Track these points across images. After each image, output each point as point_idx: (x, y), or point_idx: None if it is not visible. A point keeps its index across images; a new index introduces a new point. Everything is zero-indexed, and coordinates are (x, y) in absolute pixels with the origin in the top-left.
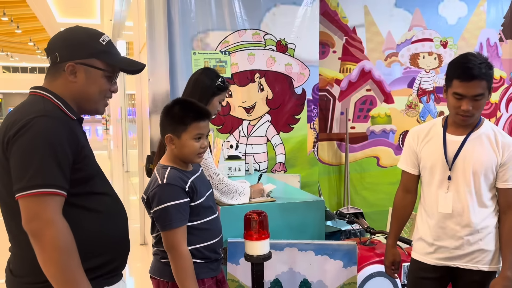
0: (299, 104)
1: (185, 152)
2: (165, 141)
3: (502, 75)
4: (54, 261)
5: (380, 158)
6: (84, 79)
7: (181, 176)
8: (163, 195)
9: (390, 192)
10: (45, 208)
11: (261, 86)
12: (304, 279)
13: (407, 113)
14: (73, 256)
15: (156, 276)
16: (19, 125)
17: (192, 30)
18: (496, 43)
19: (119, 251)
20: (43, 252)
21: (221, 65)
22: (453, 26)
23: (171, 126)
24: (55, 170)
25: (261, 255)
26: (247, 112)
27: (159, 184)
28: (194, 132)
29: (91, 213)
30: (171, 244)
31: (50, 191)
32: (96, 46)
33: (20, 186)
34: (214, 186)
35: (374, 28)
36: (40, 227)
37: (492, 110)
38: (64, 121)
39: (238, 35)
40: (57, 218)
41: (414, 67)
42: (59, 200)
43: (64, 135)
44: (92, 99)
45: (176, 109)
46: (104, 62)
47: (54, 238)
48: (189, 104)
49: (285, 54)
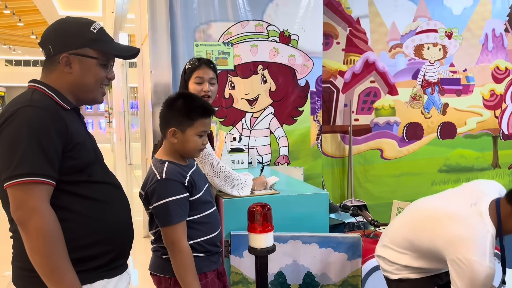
0: (302, 96)
1: (187, 147)
2: (167, 134)
3: (507, 66)
4: (39, 250)
5: (384, 150)
6: (79, 69)
7: (179, 170)
8: (162, 190)
9: (393, 185)
10: (31, 197)
11: (264, 78)
12: (308, 272)
13: (411, 105)
14: (58, 245)
15: (157, 273)
16: (4, 117)
17: (194, 22)
18: (502, 33)
19: (119, 241)
20: (28, 240)
21: (224, 56)
22: (458, 16)
23: (176, 119)
24: (41, 159)
25: (265, 248)
26: (250, 104)
27: (158, 180)
28: (199, 129)
29: (88, 202)
30: (171, 240)
31: (36, 180)
32: (87, 35)
33: (7, 176)
34: (216, 174)
35: (378, 19)
36: (25, 215)
37: (497, 101)
38: (50, 110)
39: (241, 26)
40: (43, 207)
41: (418, 58)
42: (45, 189)
43: (50, 122)
44: (88, 88)
45: (181, 103)
46: (97, 50)
47: (39, 226)
48: (194, 99)
49: (289, 45)
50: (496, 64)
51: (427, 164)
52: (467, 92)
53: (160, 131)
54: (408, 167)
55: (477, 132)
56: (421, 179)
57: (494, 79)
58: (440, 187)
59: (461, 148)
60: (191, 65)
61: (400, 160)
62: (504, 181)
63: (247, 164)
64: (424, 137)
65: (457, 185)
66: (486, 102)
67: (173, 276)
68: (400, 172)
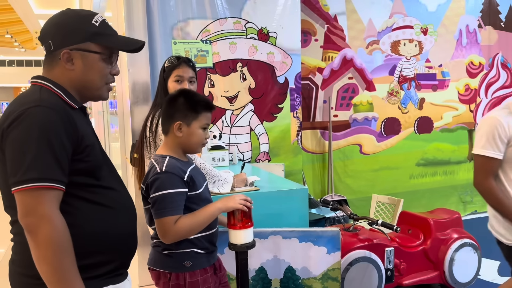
0: (282, 93)
1: (192, 140)
2: (173, 128)
3: (481, 61)
4: (48, 259)
5: (362, 145)
6: (82, 65)
7: (180, 166)
8: (161, 182)
9: (372, 179)
10: (41, 203)
11: (244, 76)
12: (289, 266)
13: (388, 101)
14: (67, 255)
15: (157, 267)
16: (12, 117)
17: (172, 19)
18: (475, 29)
19: (124, 249)
20: (37, 248)
21: (203, 54)
22: (433, 13)
23: (182, 113)
24: (51, 163)
25: (245, 243)
26: (230, 102)
27: (158, 172)
28: (203, 121)
29: (96, 207)
30: (163, 232)
31: (47, 185)
32: (89, 29)
33: (16, 180)
34: None
35: (355, 16)
36: (35, 222)
37: (472, 96)
38: (61, 110)
39: (219, 23)
40: (54, 214)
41: (395, 54)
42: (56, 195)
43: (60, 124)
44: (93, 86)
45: (184, 98)
46: (99, 45)
47: (49, 235)
48: (195, 94)
49: (267, 42)
50: (470, 59)
51: (404, 158)
52: (443, 87)
53: (162, 128)
54: (387, 161)
55: (453, 126)
56: (399, 173)
57: (468, 74)
58: (417, 181)
59: (437, 142)
60: (170, 64)
61: (378, 154)
62: None
63: (228, 162)
64: (401, 131)
65: (434, 178)
66: (461, 96)
67: (173, 271)
68: (378, 167)
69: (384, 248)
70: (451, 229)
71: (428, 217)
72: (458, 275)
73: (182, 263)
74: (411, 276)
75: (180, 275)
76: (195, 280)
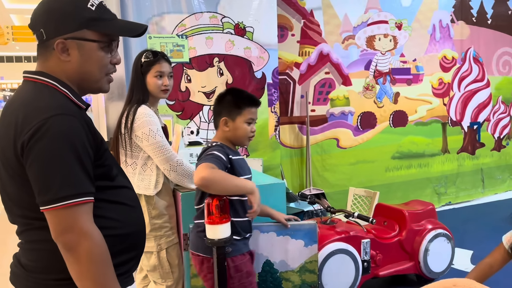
0: (259, 88)
1: (238, 134)
2: (220, 123)
3: (454, 55)
4: (91, 274)
5: (340, 139)
6: (79, 56)
7: (226, 150)
8: (211, 150)
9: (349, 173)
10: (78, 219)
11: (221, 71)
12: (267, 260)
13: (364, 95)
14: (109, 267)
15: (200, 253)
16: (33, 128)
17: (146, 13)
18: (448, 24)
19: (142, 245)
20: (78, 265)
21: (179, 49)
22: (407, 8)
23: (227, 109)
24: (82, 176)
25: (222, 238)
26: (207, 97)
27: (209, 146)
28: (247, 116)
29: (119, 206)
30: (200, 170)
31: (82, 201)
32: (85, 14)
33: (48, 199)
34: (173, 168)
35: (331, 11)
36: (75, 239)
37: (445, 89)
38: (79, 116)
39: (195, 18)
40: (92, 228)
41: (370, 49)
42: (89, 207)
43: (83, 133)
44: (92, 78)
45: (230, 96)
46: (97, 32)
47: (91, 250)
48: (241, 91)
49: (244, 37)
50: (444, 54)
51: (380, 151)
52: (417, 81)
53: (214, 124)
54: (363, 155)
55: (427, 120)
56: (375, 166)
57: (442, 68)
58: (393, 173)
59: (412, 135)
60: (148, 59)
61: (355, 148)
62: (453, 165)
63: None
64: (377, 125)
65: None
66: (435, 90)
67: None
68: (355, 160)
69: (360, 240)
70: (426, 220)
71: (403, 209)
72: (433, 265)
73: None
74: (387, 267)
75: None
76: (237, 264)
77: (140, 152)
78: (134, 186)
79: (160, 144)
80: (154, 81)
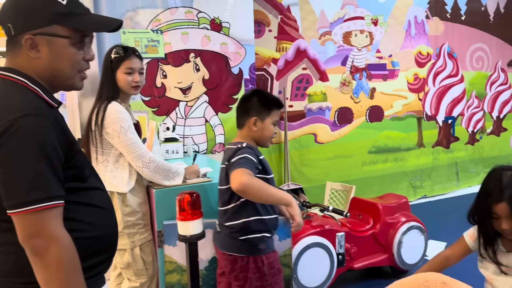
0: (236, 84)
1: (265, 134)
2: (249, 123)
3: (429, 51)
4: (59, 281)
5: (317, 134)
6: (49, 52)
7: (255, 152)
8: (242, 151)
9: (327, 167)
10: (47, 224)
11: (197, 66)
12: None
13: (341, 91)
14: (77, 273)
15: (233, 253)
16: (1, 129)
17: (120, 8)
18: (423, 20)
19: (113, 249)
20: (46, 270)
21: (154, 44)
22: (382, 4)
23: (256, 110)
24: (51, 179)
25: (194, 234)
26: (183, 93)
27: (238, 148)
28: (274, 118)
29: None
30: (238, 177)
31: (51, 205)
32: (55, 9)
33: (16, 202)
34: (145, 165)
35: (308, 7)
36: (44, 245)
37: (420, 85)
38: (50, 116)
39: (170, 13)
40: (61, 233)
41: (347, 45)
42: (59, 211)
43: (54, 134)
44: (63, 75)
45: (257, 96)
46: (68, 28)
47: (59, 256)
48: (267, 93)
49: (220, 33)
50: (419, 49)
51: (357, 146)
52: (393, 76)
53: (237, 123)
54: (340, 150)
55: (403, 114)
56: (352, 160)
57: (417, 64)
58: (370, 167)
59: (388, 130)
60: (118, 55)
61: (332, 143)
62: (428, 159)
63: (182, 154)
64: (354, 120)
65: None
66: (410, 85)
67: (250, 255)
68: (333, 155)
69: (335, 233)
70: (399, 213)
71: (377, 202)
72: (406, 257)
73: (257, 247)
74: (361, 259)
75: (258, 258)
76: (270, 261)
77: (111, 149)
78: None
79: (131, 141)
80: (124, 78)
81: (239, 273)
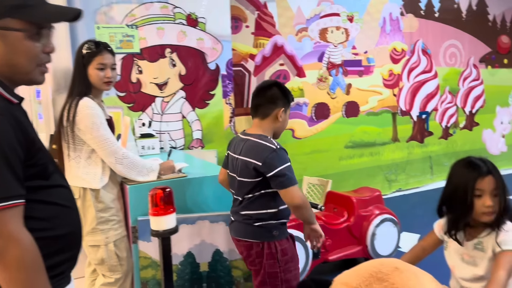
0: (213, 80)
1: (284, 127)
2: (276, 114)
3: (403, 47)
4: (20, 282)
5: (295, 130)
6: (3, 47)
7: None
8: (281, 157)
9: (305, 162)
10: (6, 224)
11: (173, 62)
12: (217, 249)
13: (318, 86)
14: (39, 273)
15: (249, 239)
16: None
17: (94, 3)
18: (398, 17)
19: (77, 247)
20: (6, 271)
21: (128, 39)
22: (358, 1)
23: (282, 101)
24: (10, 179)
25: (167, 229)
26: (159, 89)
27: (274, 149)
28: (289, 112)
29: (53, 207)
30: (294, 196)
31: (10, 204)
32: (6, 1)
33: None
34: (118, 161)
35: (284, 3)
36: (3, 245)
37: (395, 81)
38: (8, 113)
39: (145, 8)
40: (21, 233)
41: (323, 41)
42: (19, 211)
43: (12, 132)
44: (22, 70)
45: (279, 89)
46: (22, 20)
47: (19, 256)
48: (284, 86)
49: (196, 28)
50: (393, 46)
51: (334, 141)
52: (368, 72)
53: (262, 112)
54: (318, 145)
55: (378, 110)
56: (329, 155)
57: (392, 60)
58: (346, 162)
59: (364, 125)
60: (89, 50)
61: (310, 138)
62: (403, 153)
63: (159, 150)
64: (330, 116)
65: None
66: (385, 81)
67: (264, 240)
68: (310, 150)
69: None
70: (373, 206)
71: (351, 195)
72: (380, 249)
73: (272, 233)
74: (336, 251)
75: (271, 244)
76: (284, 247)
77: (83, 145)
78: (79, 180)
79: (104, 137)
80: (96, 73)
81: (255, 258)
